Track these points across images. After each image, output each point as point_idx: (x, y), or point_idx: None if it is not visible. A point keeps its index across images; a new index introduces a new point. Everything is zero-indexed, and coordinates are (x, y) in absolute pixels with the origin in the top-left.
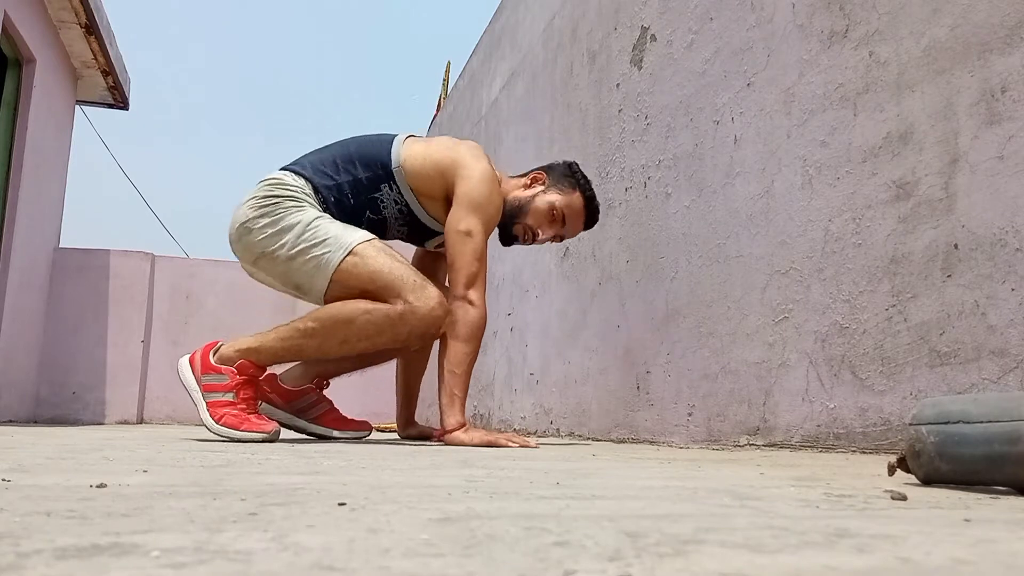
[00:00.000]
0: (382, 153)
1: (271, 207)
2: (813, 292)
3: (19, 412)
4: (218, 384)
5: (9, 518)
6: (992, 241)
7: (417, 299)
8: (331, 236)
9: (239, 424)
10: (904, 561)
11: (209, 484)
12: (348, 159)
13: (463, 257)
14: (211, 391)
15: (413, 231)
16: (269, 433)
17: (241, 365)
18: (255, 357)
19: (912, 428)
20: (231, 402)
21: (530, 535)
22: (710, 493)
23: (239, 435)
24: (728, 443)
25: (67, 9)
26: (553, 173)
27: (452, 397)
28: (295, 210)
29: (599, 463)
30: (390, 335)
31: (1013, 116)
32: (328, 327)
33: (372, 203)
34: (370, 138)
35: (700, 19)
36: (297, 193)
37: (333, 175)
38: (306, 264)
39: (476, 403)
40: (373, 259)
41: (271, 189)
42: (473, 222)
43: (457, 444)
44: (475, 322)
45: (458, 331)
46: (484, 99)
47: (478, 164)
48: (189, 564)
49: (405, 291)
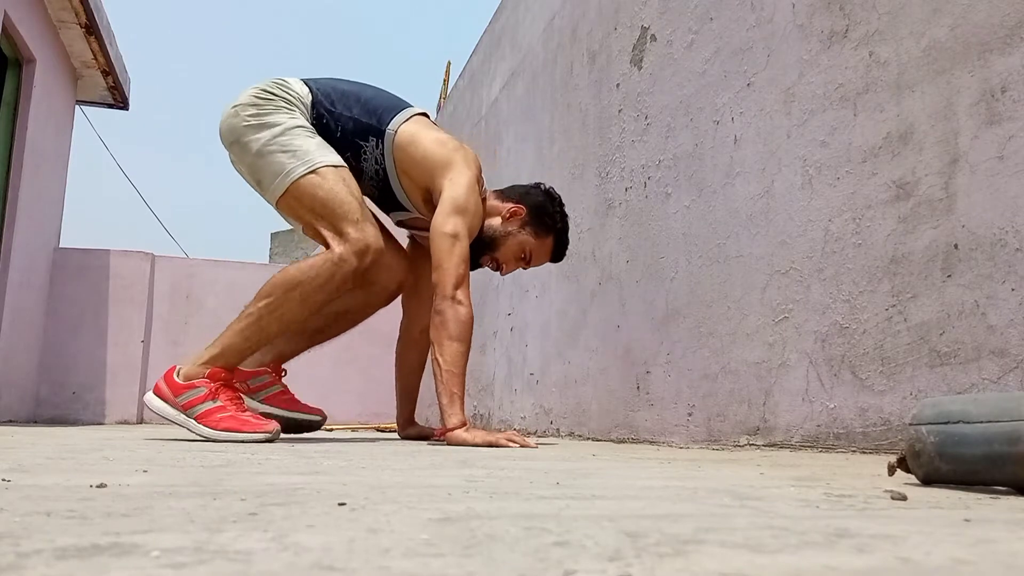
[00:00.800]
0: (385, 111)
1: (264, 102)
2: (813, 292)
3: (19, 412)
4: (197, 397)
5: (9, 518)
6: (992, 241)
7: (354, 231)
8: (302, 149)
9: (241, 427)
10: (904, 561)
11: (209, 484)
12: (356, 98)
13: (451, 259)
14: (194, 405)
15: (383, 196)
16: (272, 432)
17: (212, 373)
18: (222, 362)
19: (912, 428)
20: (220, 407)
21: (530, 535)
22: (710, 493)
23: (243, 437)
24: (728, 443)
25: (67, 9)
26: (532, 210)
27: (452, 396)
28: (284, 112)
29: (599, 463)
30: (339, 278)
31: (1013, 116)
32: (281, 295)
33: (356, 148)
34: (387, 95)
35: (700, 19)
36: (293, 99)
37: (336, 103)
38: (271, 165)
39: (476, 403)
40: (331, 185)
41: (273, 87)
42: (460, 225)
43: (459, 443)
44: (466, 320)
45: (451, 330)
46: (484, 99)
47: (468, 172)
48: (189, 564)
49: (346, 224)
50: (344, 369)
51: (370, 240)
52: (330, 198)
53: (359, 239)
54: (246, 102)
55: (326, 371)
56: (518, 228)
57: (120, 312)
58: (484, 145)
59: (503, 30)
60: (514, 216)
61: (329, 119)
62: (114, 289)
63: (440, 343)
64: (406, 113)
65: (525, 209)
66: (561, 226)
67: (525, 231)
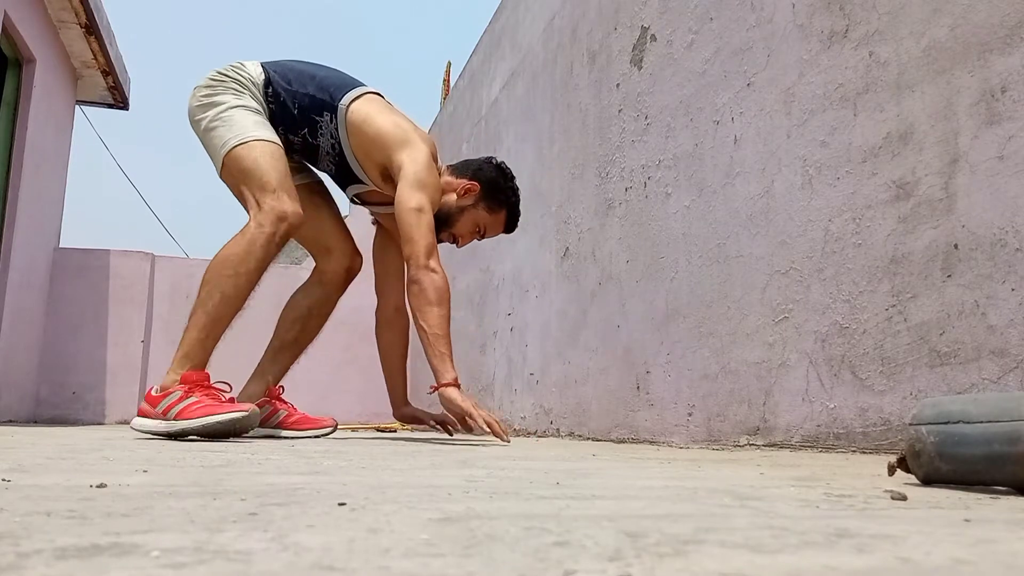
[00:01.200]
0: (337, 88)
1: (217, 84)
2: (813, 292)
3: (19, 412)
4: (173, 400)
5: (9, 518)
6: (992, 241)
7: (271, 199)
8: (238, 124)
9: (216, 409)
10: (904, 561)
11: (209, 484)
12: (311, 76)
13: (419, 230)
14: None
15: (340, 171)
16: (248, 412)
17: (184, 377)
18: (190, 364)
19: (912, 428)
20: (195, 401)
21: (530, 535)
22: (710, 493)
23: (219, 419)
24: (728, 443)
25: (67, 9)
26: (485, 186)
27: (442, 356)
28: (231, 94)
29: (599, 463)
30: (261, 245)
31: (1013, 116)
32: (216, 278)
33: (312, 124)
34: (342, 74)
35: (700, 19)
36: (245, 82)
37: (292, 82)
38: (213, 139)
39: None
40: (256, 156)
41: (228, 70)
42: (423, 199)
43: (448, 400)
44: (442, 286)
45: (430, 296)
46: (484, 99)
47: (424, 147)
48: (189, 564)
49: (264, 193)
50: (344, 369)
51: (286, 208)
52: (253, 168)
53: (274, 207)
54: (202, 84)
55: (326, 371)
56: (472, 204)
57: (120, 312)
58: (484, 145)
59: (503, 30)
60: (468, 192)
61: (286, 97)
62: (114, 289)
63: (421, 310)
64: (358, 90)
65: (479, 185)
66: (514, 199)
67: (479, 207)
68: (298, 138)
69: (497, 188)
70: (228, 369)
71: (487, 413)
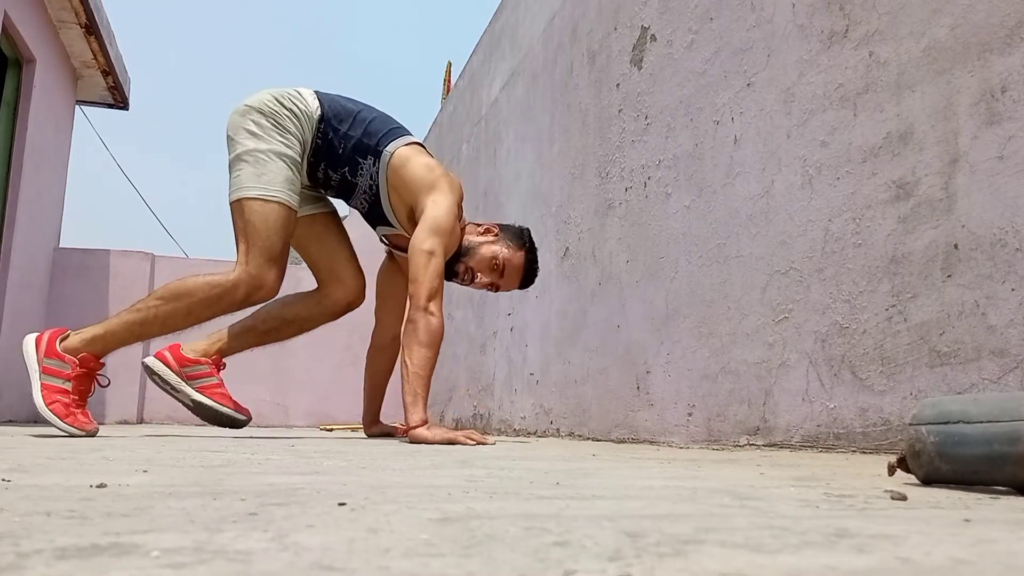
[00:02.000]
0: (385, 135)
1: (272, 113)
2: (813, 292)
3: (19, 412)
4: (58, 371)
5: (9, 518)
6: (992, 241)
7: (254, 269)
8: (270, 175)
9: (65, 416)
10: (904, 561)
11: (209, 484)
12: (363, 120)
13: (426, 273)
14: (49, 375)
15: (372, 211)
16: (88, 432)
17: (83, 358)
18: (100, 346)
19: (912, 428)
20: (65, 391)
21: (530, 535)
22: (710, 493)
23: (61, 425)
24: (728, 443)
25: (67, 9)
26: (506, 231)
27: (416, 396)
28: (281, 138)
29: (599, 463)
30: (227, 302)
31: (1013, 116)
32: (172, 302)
33: (354, 165)
34: (389, 120)
35: (700, 19)
36: (301, 115)
37: (343, 122)
38: (242, 171)
39: (476, 403)
40: (272, 219)
41: (287, 100)
42: (437, 244)
43: (420, 441)
44: (436, 330)
45: (421, 337)
46: (484, 99)
47: (450, 196)
48: (189, 564)
49: (259, 258)
50: (344, 370)
51: (268, 282)
52: (263, 228)
53: (259, 276)
54: (256, 107)
55: (326, 372)
56: (493, 240)
57: None
58: (484, 145)
59: (503, 30)
60: (488, 232)
61: (334, 136)
62: (114, 289)
63: (410, 348)
64: (404, 139)
65: (498, 227)
66: (531, 247)
67: (499, 243)
68: (337, 175)
69: (516, 235)
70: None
71: (460, 433)
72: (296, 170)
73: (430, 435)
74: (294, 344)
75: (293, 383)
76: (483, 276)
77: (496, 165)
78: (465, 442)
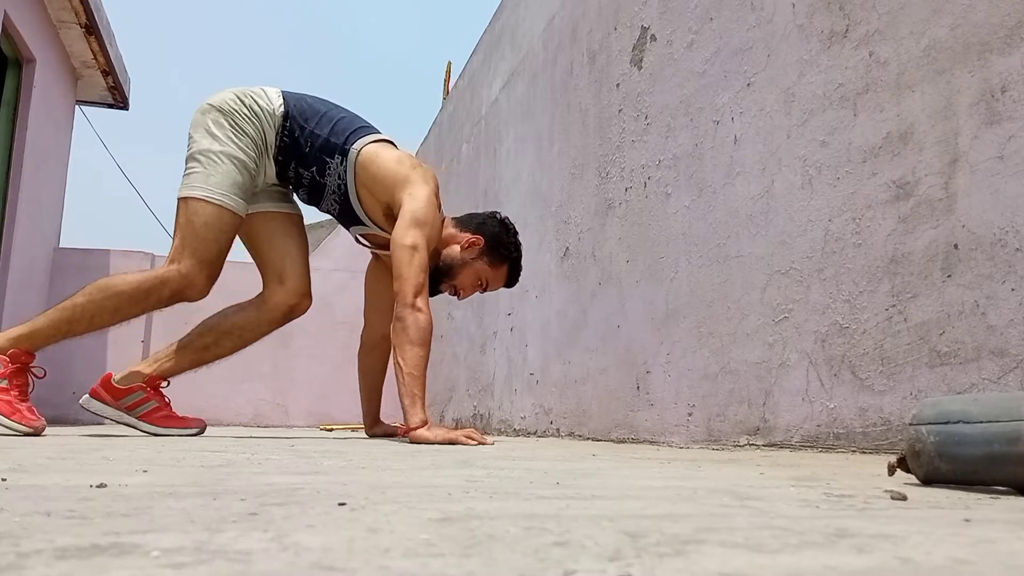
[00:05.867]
0: (352, 133)
1: (231, 113)
2: (813, 292)
3: None
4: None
5: (9, 518)
6: (992, 241)
7: (185, 268)
8: (218, 176)
9: (11, 413)
10: (904, 561)
11: (209, 484)
12: (329, 119)
13: (410, 268)
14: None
15: (343, 212)
16: (36, 428)
17: (13, 354)
18: (28, 344)
19: (912, 428)
20: (3, 388)
21: (530, 535)
22: (710, 493)
23: (8, 423)
24: (728, 443)
25: (67, 9)
26: (489, 240)
27: (414, 397)
28: (233, 136)
29: (599, 463)
30: (154, 298)
31: (1013, 116)
32: (99, 300)
33: (322, 164)
34: (357, 119)
35: (700, 19)
36: (261, 115)
37: (309, 121)
38: (192, 170)
39: (476, 403)
40: (211, 223)
41: (247, 98)
42: (418, 237)
43: (421, 441)
44: (426, 327)
45: (412, 336)
46: (484, 99)
47: (426, 187)
48: (189, 564)
49: (193, 258)
50: (344, 370)
51: (198, 283)
52: (202, 231)
53: (189, 275)
54: (217, 105)
55: (326, 371)
56: (475, 257)
57: None
58: (484, 145)
59: (503, 30)
60: (472, 246)
61: (300, 135)
62: None
63: (402, 347)
64: (371, 136)
65: (482, 239)
66: (516, 255)
67: (482, 260)
68: (308, 173)
69: (500, 243)
70: (234, 367)
71: (461, 433)
72: (248, 174)
73: (431, 435)
74: (294, 344)
75: (293, 383)
76: (467, 292)
77: (496, 165)
78: (466, 442)
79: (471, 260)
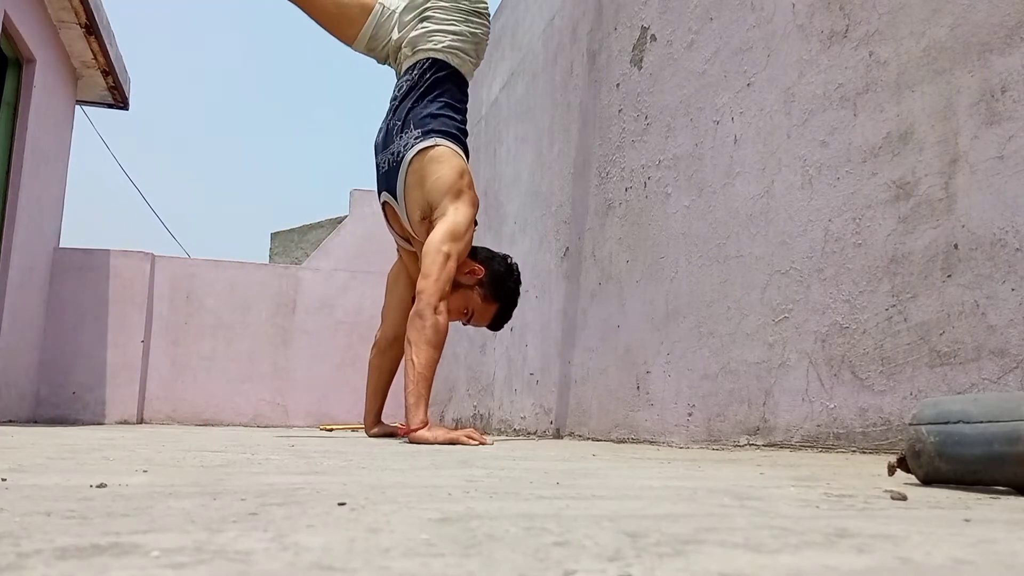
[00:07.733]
0: (445, 131)
1: (475, 46)
2: (813, 292)
3: (19, 412)
4: None
5: (9, 518)
6: (992, 241)
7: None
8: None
9: None
10: (904, 561)
11: (209, 484)
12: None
13: (441, 272)
14: None
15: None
16: None
17: None
18: None
19: (912, 428)
20: None
21: (530, 535)
22: (710, 493)
23: None
24: (728, 443)
25: (67, 9)
26: (489, 276)
27: (419, 398)
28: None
29: (599, 463)
30: (445, 330)
31: (1013, 116)
32: (420, 344)
33: (405, 126)
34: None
35: (700, 19)
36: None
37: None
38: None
39: (476, 403)
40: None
41: None
42: (455, 249)
43: (422, 442)
44: (443, 331)
45: (429, 336)
46: (484, 99)
47: (471, 210)
48: (189, 564)
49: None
50: (344, 369)
51: None
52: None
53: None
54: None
55: (326, 371)
56: (471, 286)
57: (120, 312)
58: (484, 145)
59: (503, 30)
60: (472, 274)
61: (415, 90)
62: (114, 289)
63: (419, 345)
64: (456, 144)
65: (484, 271)
66: (509, 300)
67: (475, 291)
68: (391, 122)
69: (499, 281)
70: (234, 367)
71: (461, 433)
72: None
73: (431, 436)
74: (294, 344)
75: (293, 383)
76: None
77: (496, 165)
78: (467, 442)
79: (465, 287)
